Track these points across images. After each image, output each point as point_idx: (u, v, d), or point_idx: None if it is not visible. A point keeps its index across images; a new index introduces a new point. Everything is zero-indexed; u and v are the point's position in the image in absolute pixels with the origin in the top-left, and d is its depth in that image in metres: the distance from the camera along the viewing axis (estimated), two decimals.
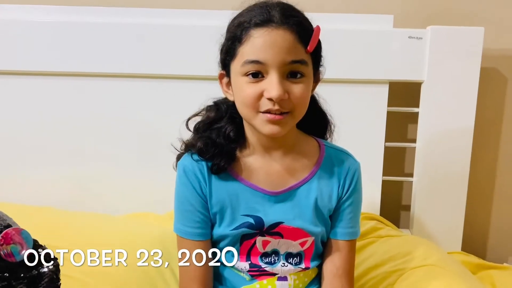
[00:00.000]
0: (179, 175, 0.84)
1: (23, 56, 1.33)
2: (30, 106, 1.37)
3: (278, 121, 0.74)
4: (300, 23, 0.74)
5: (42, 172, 1.40)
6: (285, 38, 0.72)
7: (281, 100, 0.73)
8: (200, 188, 0.82)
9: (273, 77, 0.72)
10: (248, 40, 0.73)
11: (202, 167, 0.82)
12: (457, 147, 1.37)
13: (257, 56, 0.72)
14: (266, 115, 0.74)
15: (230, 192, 0.82)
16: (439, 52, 1.32)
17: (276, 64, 0.72)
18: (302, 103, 0.76)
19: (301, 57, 0.73)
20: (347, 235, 0.87)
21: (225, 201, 0.82)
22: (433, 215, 1.41)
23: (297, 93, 0.74)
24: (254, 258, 0.84)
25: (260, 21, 0.73)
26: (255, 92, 0.74)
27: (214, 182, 0.82)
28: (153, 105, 1.37)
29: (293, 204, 0.83)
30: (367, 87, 1.34)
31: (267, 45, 0.72)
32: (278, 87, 0.72)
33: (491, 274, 1.29)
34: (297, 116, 0.77)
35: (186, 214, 0.84)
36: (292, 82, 0.74)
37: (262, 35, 0.72)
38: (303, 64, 0.74)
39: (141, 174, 1.39)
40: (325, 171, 0.85)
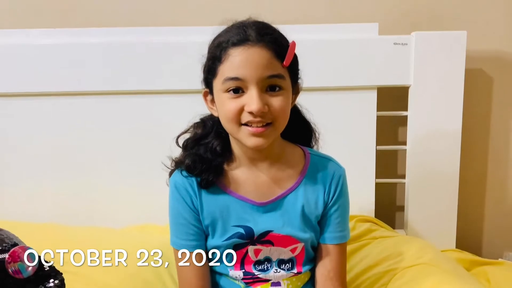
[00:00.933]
0: (171, 191, 0.88)
1: (28, 78, 1.38)
2: (32, 124, 1.41)
3: (261, 134, 0.78)
4: (275, 40, 0.78)
5: (42, 186, 1.43)
6: (261, 54, 0.76)
7: (261, 113, 0.77)
8: (192, 202, 0.86)
9: (252, 92, 0.77)
10: (227, 59, 0.78)
11: (192, 182, 0.86)
12: (447, 147, 1.41)
13: (236, 73, 0.77)
14: (248, 128, 0.78)
15: (220, 205, 0.86)
16: (424, 56, 1.36)
17: (254, 80, 0.76)
18: (282, 115, 0.80)
19: (278, 72, 0.78)
20: (336, 239, 0.90)
21: (216, 213, 0.86)
22: (427, 214, 1.44)
23: (276, 105, 0.78)
24: (247, 266, 0.88)
25: (237, 40, 0.77)
26: (237, 107, 0.78)
27: (204, 196, 0.86)
28: (152, 119, 1.41)
29: (281, 212, 0.86)
30: (356, 93, 1.38)
31: (245, 62, 0.77)
32: (258, 101, 0.76)
33: (486, 270, 1.32)
34: (279, 127, 0.81)
35: (180, 227, 0.88)
36: (271, 95, 0.78)
37: (239, 53, 0.77)
38: (280, 78, 0.78)
39: (141, 186, 1.42)
40: (310, 179, 0.88)
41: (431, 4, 1.48)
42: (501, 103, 1.54)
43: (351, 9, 1.47)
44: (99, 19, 1.48)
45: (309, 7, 1.48)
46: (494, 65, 1.51)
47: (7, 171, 1.43)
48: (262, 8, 1.44)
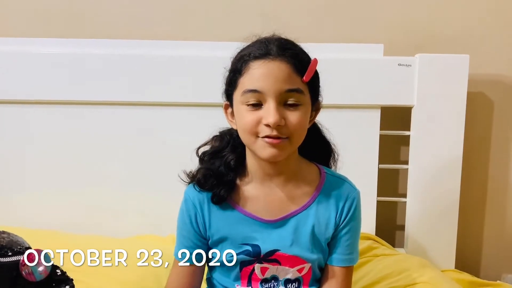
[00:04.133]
0: (182, 203, 0.89)
1: (38, 86, 1.40)
2: (39, 132, 1.43)
3: (277, 145, 0.79)
4: (296, 55, 0.79)
5: (46, 196, 1.45)
6: (281, 68, 0.77)
7: (278, 126, 0.77)
8: (196, 219, 0.87)
9: (270, 104, 0.77)
10: (247, 72, 0.79)
11: (203, 198, 0.87)
12: (448, 167, 1.43)
13: (255, 85, 0.78)
14: (265, 139, 0.79)
15: (229, 222, 0.86)
16: (428, 78, 1.39)
17: (273, 93, 0.77)
18: (299, 130, 0.80)
19: (297, 86, 0.78)
20: (344, 262, 0.89)
21: (225, 230, 0.87)
22: (427, 234, 1.45)
23: (294, 120, 0.78)
24: (254, 284, 0.88)
25: (259, 54, 0.79)
26: (254, 119, 0.78)
27: (214, 212, 0.87)
28: (159, 131, 1.43)
29: (290, 231, 0.86)
30: (360, 112, 1.41)
31: (264, 75, 0.78)
32: (275, 114, 0.76)
33: None
34: (295, 142, 0.81)
35: (181, 239, 0.89)
36: (288, 109, 0.79)
37: (260, 66, 0.78)
38: (299, 93, 0.78)
39: (146, 197, 1.44)
40: (324, 198, 0.88)
41: (435, 27, 1.51)
42: (502, 126, 1.57)
43: (357, 30, 1.51)
44: (108, 31, 1.51)
45: (316, 27, 1.51)
46: (495, 88, 1.54)
47: (14, 179, 1.44)
48: (269, 26, 1.47)
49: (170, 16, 1.52)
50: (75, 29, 1.51)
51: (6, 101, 1.41)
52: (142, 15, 1.51)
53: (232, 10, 1.51)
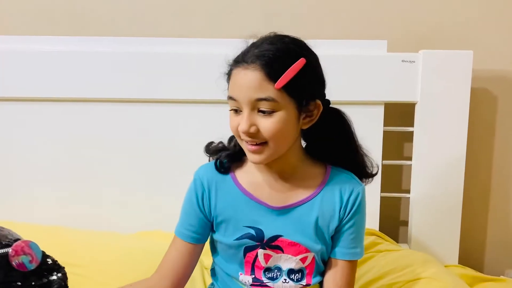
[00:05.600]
0: (191, 183, 0.92)
1: (41, 83, 1.41)
2: (42, 129, 1.44)
3: (255, 150, 0.81)
4: (271, 61, 0.77)
5: (52, 192, 1.46)
6: (251, 77, 0.78)
7: (250, 133, 0.80)
8: (202, 198, 0.89)
9: (244, 112, 0.80)
10: (231, 77, 0.82)
11: (212, 179, 0.89)
12: (451, 163, 1.43)
13: (232, 93, 0.81)
14: (246, 144, 0.82)
15: (235, 204, 0.88)
16: (431, 74, 1.39)
17: (245, 101, 0.79)
18: (273, 136, 0.80)
19: (267, 95, 0.78)
20: (348, 255, 0.90)
21: (230, 212, 0.88)
22: (430, 229, 1.46)
23: (266, 126, 0.79)
24: (257, 272, 0.89)
25: (238, 60, 0.81)
26: (235, 125, 0.82)
27: (221, 193, 0.89)
28: (161, 128, 1.45)
29: (294, 219, 0.88)
30: (364, 108, 1.41)
31: (238, 84, 0.80)
32: (244, 122, 0.79)
33: (488, 287, 1.34)
34: (275, 146, 0.82)
35: (185, 217, 0.92)
36: (262, 116, 0.80)
37: (236, 74, 0.80)
38: (269, 101, 0.78)
39: (150, 193, 1.46)
40: (329, 192, 0.89)
41: (439, 23, 1.51)
42: (505, 122, 1.57)
43: (361, 26, 1.51)
44: (111, 29, 1.52)
45: (319, 23, 1.52)
46: (498, 84, 1.54)
47: (16, 176, 1.46)
48: (271, 24, 1.47)
49: (174, 13, 1.52)
50: (79, 27, 1.52)
51: (11, 98, 1.42)
52: (146, 13, 1.52)
53: (236, 7, 1.52)
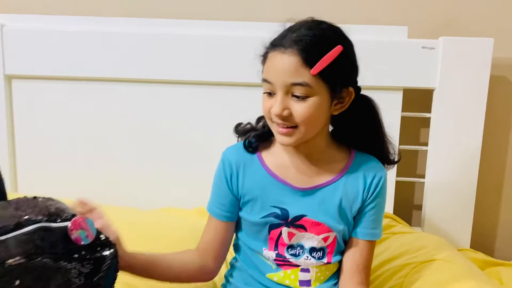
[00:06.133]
0: (219, 163, 0.95)
1: (64, 63, 1.45)
2: (65, 107, 1.49)
3: (286, 133, 0.84)
4: (309, 47, 0.79)
5: (76, 169, 1.51)
6: (288, 61, 0.80)
7: (283, 116, 0.82)
8: (231, 178, 0.93)
9: (277, 95, 0.82)
10: (266, 60, 0.84)
11: (240, 160, 0.93)
12: (467, 150, 1.46)
13: (267, 76, 0.83)
14: (276, 126, 0.85)
15: (262, 185, 0.92)
16: (451, 61, 1.41)
17: (279, 85, 0.81)
18: (305, 120, 0.83)
19: (302, 80, 0.80)
20: (368, 235, 0.94)
21: (257, 191, 0.92)
22: (444, 214, 1.49)
23: (298, 111, 0.82)
24: (281, 249, 0.93)
25: (275, 44, 0.83)
26: (268, 107, 0.84)
27: (248, 174, 0.92)
28: (185, 109, 1.48)
29: (318, 200, 0.91)
30: (382, 93, 1.42)
31: (273, 67, 0.82)
32: (278, 105, 0.81)
33: (499, 271, 1.36)
34: (304, 131, 0.84)
35: (216, 197, 0.96)
36: (296, 101, 0.82)
37: (273, 57, 0.82)
38: (304, 86, 0.80)
39: (171, 171, 1.50)
40: (352, 175, 0.92)
41: (459, 10, 1.52)
42: None
43: (382, 12, 1.52)
44: (131, 9, 1.55)
45: (341, 8, 1.53)
46: None
47: (36, 152, 1.50)
48: (291, 9, 1.50)
49: None
50: (101, 7, 1.55)
51: (31, 76, 1.46)
52: None
53: None
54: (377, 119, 0.94)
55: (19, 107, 1.47)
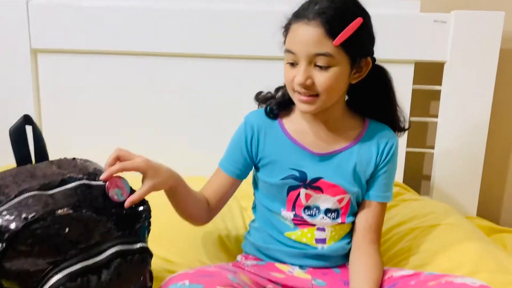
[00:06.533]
0: (242, 124, 1.02)
1: (97, 37, 1.49)
2: (94, 80, 1.53)
3: (307, 101, 0.89)
4: (332, 18, 0.83)
5: (100, 141, 1.55)
6: (312, 32, 0.85)
7: (306, 85, 0.87)
8: (251, 140, 0.99)
9: (301, 65, 0.87)
10: (289, 32, 0.89)
11: (262, 124, 0.99)
12: (475, 122, 1.50)
13: (291, 47, 0.88)
14: (298, 95, 0.90)
15: (282, 149, 0.98)
16: (462, 34, 1.44)
17: (303, 55, 0.86)
18: (326, 89, 0.88)
19: (325, 50, 0.84)
20: (380, 198, 1.00)
21: (277, 155, 0.98)
22: (451, 183, 1.55)
23: (321, 80, 0.87)
24: (298, 210, 1.00)
25: (298, 16, 0.87)
26: (291, 76, 0.89)
27: (269, 138, 0.99)
28: (206, 82, 1.53)
29: (334, 164, 0.97)
30: (394, 66, 1.42)
31: (298, 38, 0.86)
32: (302, 75, 0.86)
33: (503, 237, 1.42)
34: (325, 99, 0.90)
35: (231, 153, 1.03)
36: (318, 70, 0.87)
37: (296, 29, 0.87)
38: (327, 56, 0.85)
39: (192, 141, 1.56)
40: (366, 141, 0.98)
41: None
42: None
43: None
44: None
45: None
46: None
47: (64, 126, 1.55)
48: None
49: None
50: None
51: (61, 50, 1.51)
52: None
53: None
54: (390, 88, 1.00)
55: (45, 81, 1.52)
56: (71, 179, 0.74)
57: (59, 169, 0.76)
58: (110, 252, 0.71)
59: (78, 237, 0.68)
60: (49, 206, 0.67)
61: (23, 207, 0.66)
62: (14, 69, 1.49)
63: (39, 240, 0.65)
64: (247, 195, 1.22)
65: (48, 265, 0.65)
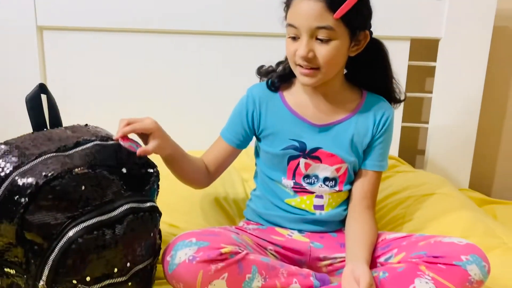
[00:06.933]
0: (244, 96, 1.06)
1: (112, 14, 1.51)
2: (99, 59, 1.56)
3: (308, 74, 0.94)
4: None
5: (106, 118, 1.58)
6: (313, 7, 0.89)
7: (307, 58, 0.91)
8: (252, 113, 1.04)
9: (303, 39, 0.91)
10: (291, 7, 0.93)
11: (264, 97, 1.04)
12: (469, 97, 1.55)
13: (293, 21, 0.92)
14: (300, 68, 0.94)
15: (283, 120, 1.03)
16: (457, 12, 1.48)
17: (305, 29, 0.90)
18: (327, 61, 0.92)
19: (326, 23, 0.89)
20: (376, 167, 1.06)
21: (278, 126, 1.03)
22: (445, 157, 1.60)
23: (322, 53, 0.91)
24: (298, 178, 1.05)
25: None
26: (292, 50, 0.94)
27: (271, 110, 1.04)
28: (212, 60, 1.56)
29: (333, 135, 1.02)
30: (391, 42, 1.46)
31: (299, 12, 0.90)
32: (303, 48, 0.91)
33: (494, 208, 1.49)
34: (326, 72, 0.94)
35: (232, 124, 1.07)
36: (319, 43, 0.91)
37: (298, 3, 0.91)
38: (328, 29, 0.89)
39: (196, 115, 1.60)
40: (364, 113, 1.03)
41: None
42: None
43: None
44: None
45: None
46: None
47: (69, 103, 1.55)
48: None
49: None
50: None
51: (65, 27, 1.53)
52: None
53: None
54: (386, 60, 1.05)
55: (51, 58, 1.55)
56: (85, 141, 0.79)
57: (73, 133, 0.81)
58: (123, 209, 0.76)
59: (93, 194, 0.74)
60: (67, 165, 0.72)
61: (43, 167, 0.71)
62: (20, 46, 1.52)
63: (58, 196, 0.70)
64: (248, 167, 1.28)
65: (67, 219, 0.71)
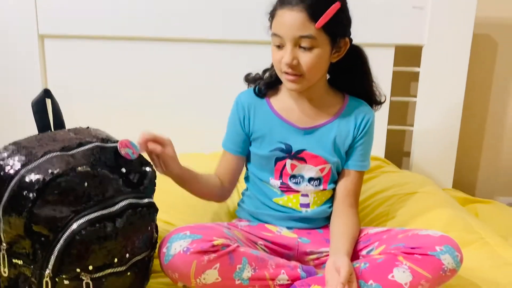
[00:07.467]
0: (233, 105, 1.13)
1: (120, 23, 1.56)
2: (99, 67, 1.61)
3: (293, 80, 1.00)
4: (313, 4, 0.93)
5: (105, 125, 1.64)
6: (295, 17, 0.95)
7: (292, 65, 0.98)
8: (243, 119, 1.10)
9: (287, 47, 0.98)
10: (275, 17, 0.99)
11: (251, 103, 1.10)
12: (451, 100, 1.63)
13: (277, 30, 0.98)
14: (286, 75, 1.01)
15: (270, 124, 1.10)
16: (438, 20, 1.56)
17: (288, 38, 0.97)
18: (310, 68, 0.99)
19: (309, 33, 0.95)
20: (358, 167, 1.12)
21: (266, 130, 1.10)
22: (430, 158, 1.68)
23: (305, 60, 0.98)
24: (285, 178, 1.11)
25: (283, 2, 0.97)
26: (278, 58, 1.00)
27: (259, 115, 1.10)
28: (207, 65, 1.63)
29: (316, 138, 1.09)
30: (376, 50, 1.53)
31: (282, 23, 0.97)
32: (288, 56, 0.97)
33: (476, 207, 1.55)
34: (309, 78, 1.01)
35: (230, 134, 1.14)
36: (303, 51, 0.98)
37: (281, 14, 0.97)
38: (310, 38, 0.96)
39: (191, 120, 1.65)
40: (345, 116, 1.10)
41: None
42: (504, 65, 1.74)
43: None
44: None
45: None
46: (500, 31, 1.70)
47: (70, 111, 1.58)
48: None
49: None
50: None
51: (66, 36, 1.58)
52: None
53: None
54: (366, 65, 1.11)
55: (52, 66, 1.60)
56: (87, 142, 0.86)
57: (75, 135, 0.88)
58: (123, 204, 0.82)
59: (95, 190, 0.80)
60: (71, 164, 0.78)
61: (49, 165, 0.77)
62: (22, 54, 1.56)
63: (63, 191, 0.76)
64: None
65: (71, 213, 0.77)
